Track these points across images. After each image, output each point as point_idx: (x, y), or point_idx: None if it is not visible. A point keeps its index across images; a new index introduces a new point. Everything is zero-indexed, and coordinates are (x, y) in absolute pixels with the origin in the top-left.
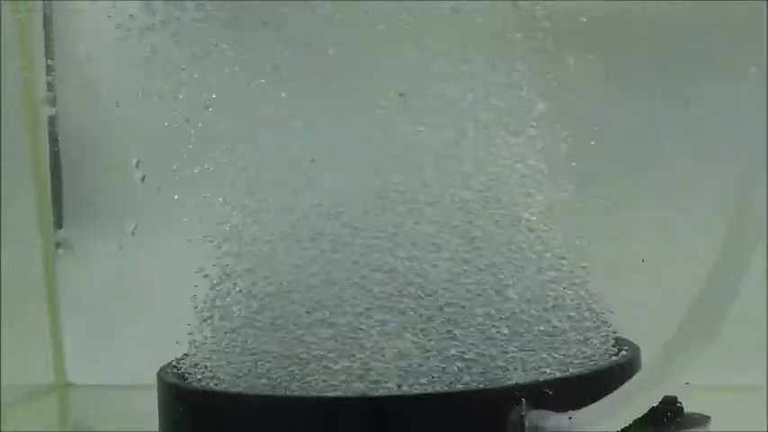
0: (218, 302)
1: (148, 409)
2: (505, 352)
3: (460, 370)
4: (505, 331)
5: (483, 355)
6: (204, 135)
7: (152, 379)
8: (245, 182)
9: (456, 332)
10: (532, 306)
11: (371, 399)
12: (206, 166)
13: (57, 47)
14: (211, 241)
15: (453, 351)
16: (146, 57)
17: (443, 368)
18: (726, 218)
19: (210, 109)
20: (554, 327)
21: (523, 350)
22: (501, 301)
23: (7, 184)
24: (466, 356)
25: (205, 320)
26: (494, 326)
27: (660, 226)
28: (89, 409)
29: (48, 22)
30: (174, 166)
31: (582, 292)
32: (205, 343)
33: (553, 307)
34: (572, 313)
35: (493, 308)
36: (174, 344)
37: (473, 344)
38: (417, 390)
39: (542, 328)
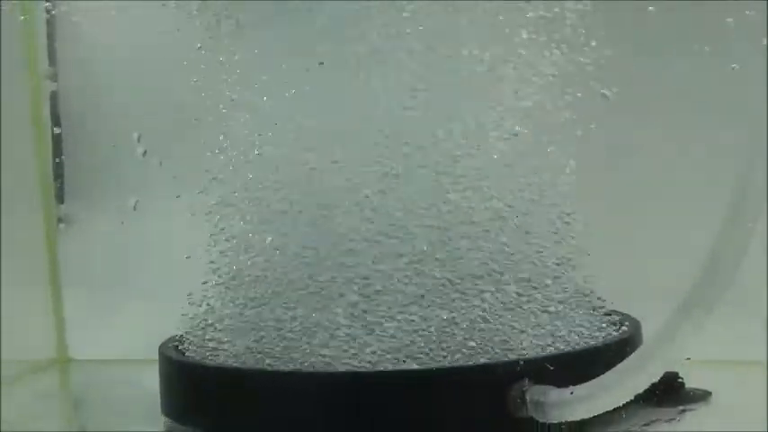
0: (216, 279)
1: (150, 383)
2: (507, 328)
3: (463, 345)
4: (506, 307)
5: (484, 330)
6: (206, 111)
7: (153, 353)
8: (245, 159)
9: (458, 308)
10: (534, 283)
11: (374, 374)
12: (207, 141)
13: (58, 21)
14: (211, 216)
15: (456, 326)
16: (147, 32)
17: (445, 343)
18: (727, 198)
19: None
20: (555, 303)
21: (525, 326)
22: (502, 278)
23: (9, 159)
24: (468, 332)
25: (207, 295)
26: (495, 302)
27: (663, 206)
28: (90, 383)
29: None
30: (175, 142)
31: (584, 269)
32: (206, 318)
33: (554, 283)
34: (573, 289)
35: (494, 285)
36: (175, 319)
37: (474, 320)
38: (419, 365)
39: (544, 305)
